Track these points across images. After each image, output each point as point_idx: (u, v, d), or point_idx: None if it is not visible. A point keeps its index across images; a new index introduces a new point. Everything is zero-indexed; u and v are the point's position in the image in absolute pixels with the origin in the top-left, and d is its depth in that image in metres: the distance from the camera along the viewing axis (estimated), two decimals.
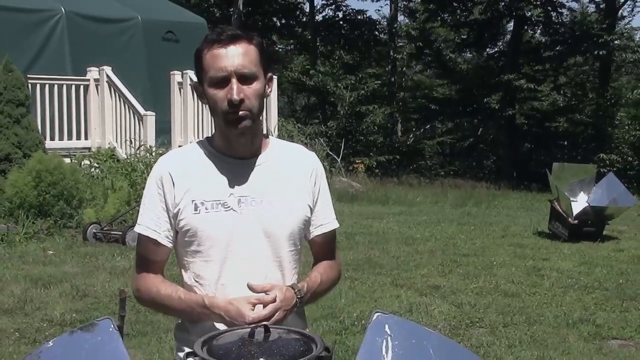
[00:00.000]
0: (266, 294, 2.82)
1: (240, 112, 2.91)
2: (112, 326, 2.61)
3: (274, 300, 2.80)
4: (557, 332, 8.10)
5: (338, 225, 3.31)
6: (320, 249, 3.26)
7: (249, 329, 2.29)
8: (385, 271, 10.85)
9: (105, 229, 12.61)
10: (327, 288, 3.24)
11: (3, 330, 7.71)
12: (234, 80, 2.90)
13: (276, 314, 2.79)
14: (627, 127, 31.68)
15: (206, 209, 2.98)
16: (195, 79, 3.12)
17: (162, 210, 3.03)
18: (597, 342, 7.78)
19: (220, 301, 2.86)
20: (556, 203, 13.84)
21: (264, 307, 2.78)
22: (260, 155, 3.10)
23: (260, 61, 2.99)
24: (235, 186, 3.02)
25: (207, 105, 3.06)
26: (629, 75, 50.02)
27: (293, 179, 3.13)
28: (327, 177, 3.32)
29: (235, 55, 2.91)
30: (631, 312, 8.93)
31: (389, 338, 2.65)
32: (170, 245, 3.08)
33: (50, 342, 2.61)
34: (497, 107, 38.34)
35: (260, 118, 3.10)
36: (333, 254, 3.32)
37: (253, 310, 2.75)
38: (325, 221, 3.23)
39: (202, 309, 2.88)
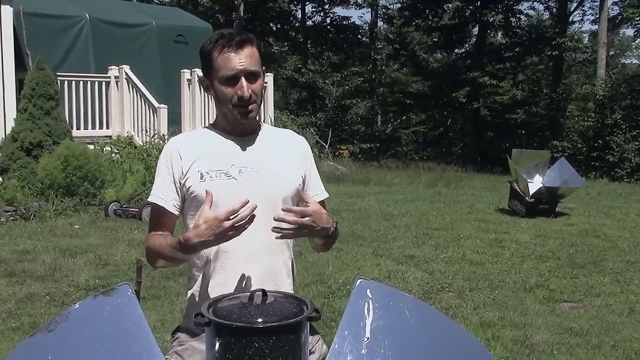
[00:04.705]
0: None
1: (250, 106, 2.99)
2: (130, 291, 2.60)
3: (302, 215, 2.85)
4: (516, 295, 8.12)
5: (328, 195, 3.34)
6: None
7: (249, 294, 2.29)
8: (367, 243, 10.85)
9: (124, 206, 12.60)
10: (335, 238, 3.21)
11: (36, 294, 7.71)
12: (242, 79, 2.96)
13: (305, 218, 2.83)
14: (576, 118, 31.69)
15: (211, 177, 3.00)
16: (200, 75, 3.16)
17: (170, 183, 3.06)
18: (550, 305, 7.81)
19: (189, 232, 2.81)
20: (515, 184, 13.86)
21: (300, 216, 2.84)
22: (258, 134, 3.16)
23: (260, 60, 3.06)
24: (236, 158, 3.05)
25: (212, 97, 3.13)
26: (578, 73, 50.19)
27: (286, 154, 3.16)
28: (316, 161, 3.34)
29: (244, 57, 2.97)
30: (580, 278, 8.96)
31: (370, 301, 2.65)
32: (177, 212, 3.08)
33: (76, 305, 2.60)
34: (464, 101, 38.37)
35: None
36: None
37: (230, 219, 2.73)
38: (319, 191, 3.26)
39: (181, 247, 2.82)
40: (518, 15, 41.12)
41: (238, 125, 3.08)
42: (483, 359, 2.71)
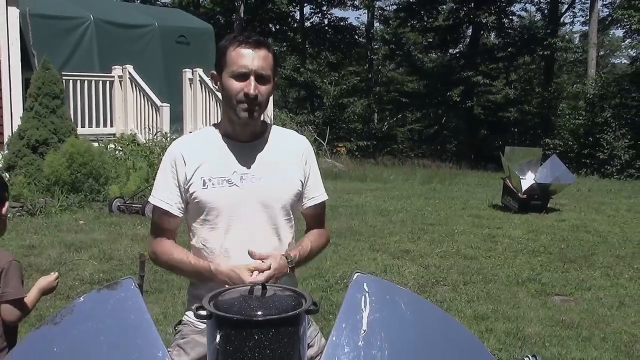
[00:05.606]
0: (263, 262, 2.88)
1: (255, 106, 2.97)
2: (134, 284, 2.61)
3: (269, 268, 2.87)
4: (508, 289, 8.13)
5: (327, 198, 3.33)
6: (312, 218, 3.29)
7: (249, 287, 2.30)
8: (364, 238, 10.86)
9: (128, 202, 12.60)
10: (316, 253, 3.28)
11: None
12: (252, 78, 2.94)
13: (270, 280, 2.83)
14: (567, 116, 31.64)
15: (213, 184, 3.00)
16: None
17: (174, 186, 3.06)
18: (542, 298, 7.82)
19: (224, 268, 2.90)
20: (508, 180, 13.88)
21: (260, 273, 2.84)
22: (260, 140, 3.13)
23: (274, 67, 3.03)
24: (238, 165, 3.04)
25: (220, 93, 3.10)
26: (569, 73, 50.18)
27: (287, 160, 3.14)
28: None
29: (257, 58, 2.95)
30: (571, 272, 8.98)
31: (367, 294, 2.65)
32: (180, 215, 3.10)
33: (81, 298, 2.60)
34: (458, 100, 38.33)
35: None
36: (323, 222, 3.36)
37: (251, 275, 2.81)
38: (317, 194, 3.26)
39: (209, 274, 2.93)
40: (511, 17, 41.07)
41: (241, 128, 3.06)
42: (476, 350, 2.71)
